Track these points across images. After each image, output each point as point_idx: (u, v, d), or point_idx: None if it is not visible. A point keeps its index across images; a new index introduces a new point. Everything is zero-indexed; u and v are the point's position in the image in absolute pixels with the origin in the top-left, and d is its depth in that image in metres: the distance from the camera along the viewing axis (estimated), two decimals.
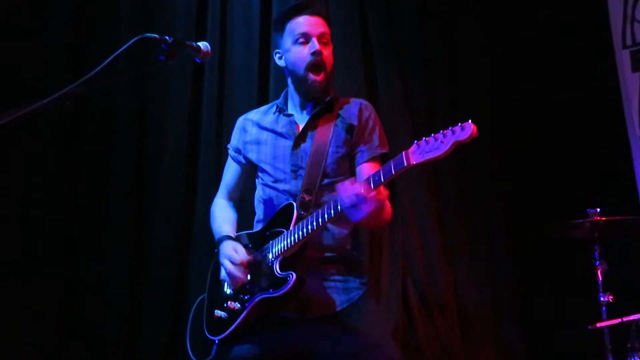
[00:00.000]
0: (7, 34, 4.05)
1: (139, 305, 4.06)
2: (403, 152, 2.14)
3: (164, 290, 4.05)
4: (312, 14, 2.63)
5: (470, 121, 2.02)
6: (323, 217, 2.31)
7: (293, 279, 2.33)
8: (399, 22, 4.58)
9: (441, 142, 2.05)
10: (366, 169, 2.58)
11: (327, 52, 2.62)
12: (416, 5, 4.67)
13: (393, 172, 2.15)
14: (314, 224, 2.34)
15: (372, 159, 2.61)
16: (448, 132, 2.04)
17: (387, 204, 2.37)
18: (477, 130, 2.00)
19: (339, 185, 2.27)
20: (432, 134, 2.08)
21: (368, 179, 2.21)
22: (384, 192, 2.22)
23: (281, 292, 2.35)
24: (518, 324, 4.37)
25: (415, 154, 2.11)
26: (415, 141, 2.12)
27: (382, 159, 2.62)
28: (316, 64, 2.58)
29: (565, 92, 4.62)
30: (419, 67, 4.60)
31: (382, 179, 2.18)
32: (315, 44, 2.58)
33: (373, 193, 2.18)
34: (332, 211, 2.29)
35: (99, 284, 4.02)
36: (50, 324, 3.93)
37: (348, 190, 2.21)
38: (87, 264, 4.05)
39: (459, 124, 2.03)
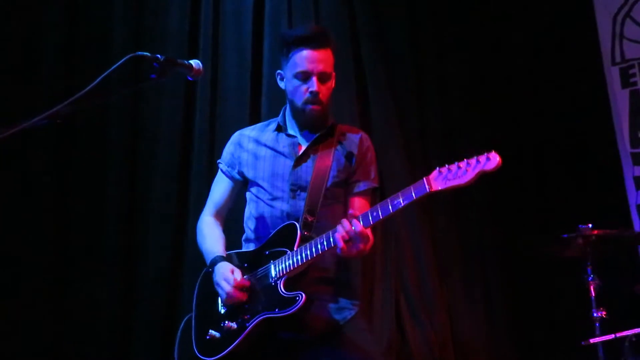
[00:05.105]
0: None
1: (130, 327, 4.04)
2: (424, 178, 2.17)
3: (155, 312, 4.03)
4: (317, 47, 2.56)
5: (494, 152, 2.05)
6: (329, 242, 2.34)
7: (303, 299, 2.31)
8: (391, 44, 4.60)
9: (465, 170, 2.07)
10: (358, 201, 2.64)
11: (325, 89, 2.60)
12: (409, 30, 4.69)
13: (414, 197, 2.18)
14: (324, 244, 2.35)
15: (366, 192, 2.67)
16: (473, 161, 2.07)
17: (371, 236, 2.38)
18: (502, 162, 2.04)
19: (342, 221, 2.31)
20: (456, 162, 2.11)
21: (385, 202, 2.24)
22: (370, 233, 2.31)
23: (289, 311, 2.31)
24: (511, 341, 4.36)
25: (438, 181, 2.13)
26: (437, 168, 2.15)
27: (373, 193, 2.70)
28: (314, 102, 2.58)
29: (555, 109, 4.66)
30: (411, 87, 4.62)
31: (402, 203, 2.20)
32: (314, 84, 2.55)
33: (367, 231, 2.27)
34: (332, 240, 2.32)
35: (90, 305, 3.99)
36: (44, 344, 3.89)
37: (345, 226, 2.28)
38: (79, 284, 4.03)
39: (485, 153, 2.06)
